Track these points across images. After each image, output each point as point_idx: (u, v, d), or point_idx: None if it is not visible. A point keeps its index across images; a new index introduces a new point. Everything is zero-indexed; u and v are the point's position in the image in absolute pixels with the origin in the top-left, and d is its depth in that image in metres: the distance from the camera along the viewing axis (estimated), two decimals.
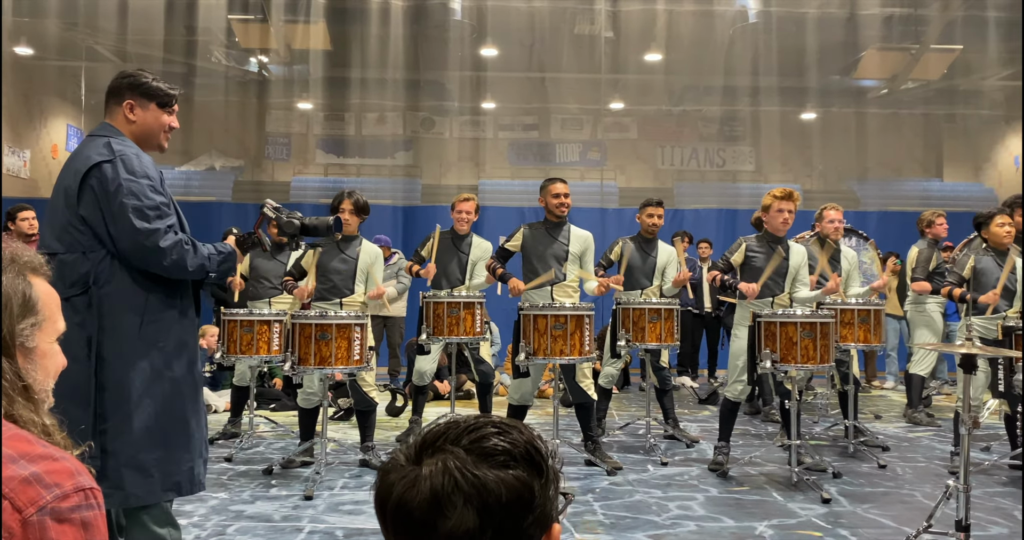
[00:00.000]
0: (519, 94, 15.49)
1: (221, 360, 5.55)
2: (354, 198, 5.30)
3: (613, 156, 16.18)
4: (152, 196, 2.65)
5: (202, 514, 3.97)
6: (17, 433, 1.11)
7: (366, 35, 11.99)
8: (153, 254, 2.63)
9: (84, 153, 2.72)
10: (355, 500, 4.26)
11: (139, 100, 2.80)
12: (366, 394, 5.11)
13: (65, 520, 1.06)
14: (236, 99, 13.88)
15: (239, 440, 5.65)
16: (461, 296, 5.52)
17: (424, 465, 1.05)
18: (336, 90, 13.62)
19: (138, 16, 11.53)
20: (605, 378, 5.93)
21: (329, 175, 16.29)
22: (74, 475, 1.10)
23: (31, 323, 1.22)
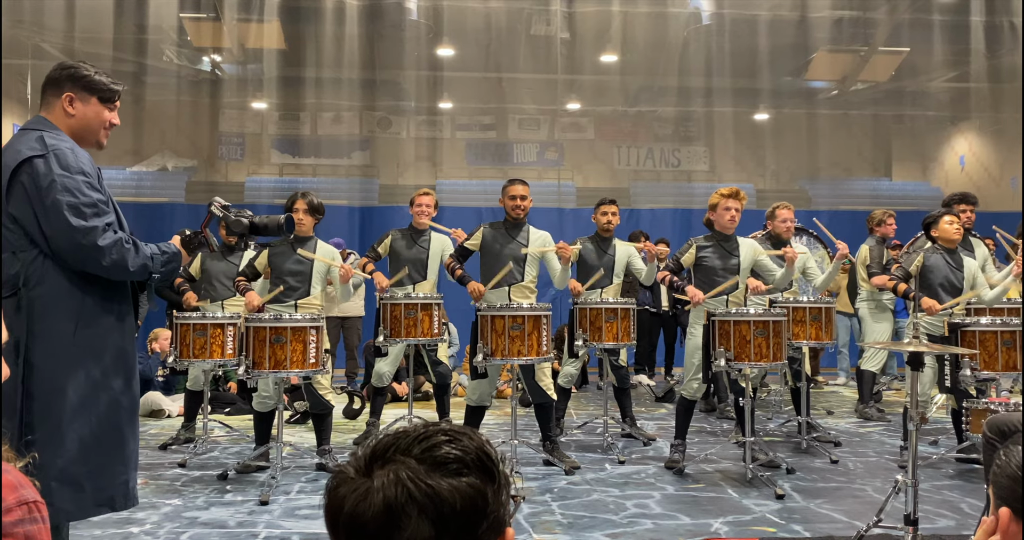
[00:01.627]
0: (476, 94, 15.47)
1: (174, 364, 5.47)
2: (308, 198, 5.26)
3: (570, 156, 16.25)
4: (88, 193, 2.52)
5: (155, 521, 3.90)
6: None
7: (321, 34, 11.88)
8: (91, 253, 2.49)
9: (14, 147, 2.57)
10: (311, 505, 4.22)
11: (80, 93, 2.66)
12: (322, 397, 5.07)
13: (8, 535, 1.04)
14: (189, 98, 13.66)
15: (193, 445, 5.57)
16: (419, 297, 5.50)
17: (375, 477, 1.04)
18: (291, 89, 13.48)
19: (86, 14, 11.30)
20: (564, 378, 5.96)
21: (284, 175, 16.11)
22: (17, 488, 1.08)
23: None
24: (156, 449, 5.69)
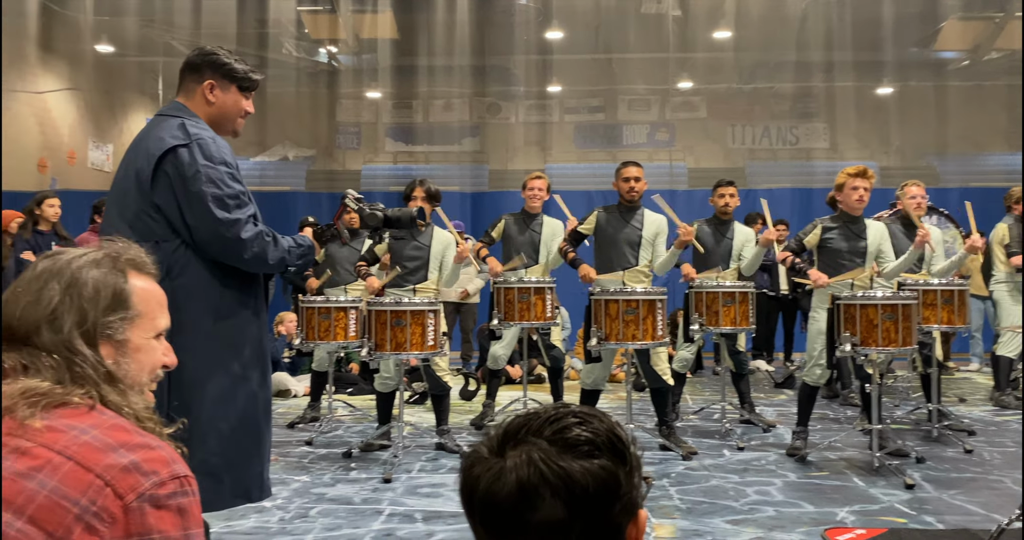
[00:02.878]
0: (585, 76, 15.36)
1: (300, 346, 5.70)
2: (426, 186, 5.36)
3: (682, 136, 15.93)
4: (232, 184, 2.48)
5: (285, 497, 4.09)
6: (116, 422, 1.16)
7: (432, 22, 12.04)
8: (233, 246, 2.47)
9: (156, 134, 2.53)
10: (432, 483, 4.33)
11: (220, 81, 2.61)
12: (440, 379, 5.18)
13: (163, 506, 1.12)
14: (307, 90, 14.12)
15: (319, 424, 5.80)
16: (532, 281, 5.54)
17: (508, 457, 1.06)
18: (404, 78, 13.74)
19: (211, 11, 11.80)
20: (679, 363, 5.89)
21: (398, 163, 16.46)
22: (170, 463, 1.15)
23: (121, 317, 1.28)
24: (284, 427, 5.96)
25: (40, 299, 1.21)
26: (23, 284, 1.24)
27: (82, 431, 1.11)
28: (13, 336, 1.20)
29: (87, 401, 1.16)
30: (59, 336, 1.20)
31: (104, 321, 1.25)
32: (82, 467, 1.07)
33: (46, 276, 1.24)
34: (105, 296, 1.26)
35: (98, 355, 1.23)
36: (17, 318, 1.20)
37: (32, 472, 1.05)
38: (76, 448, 1.08)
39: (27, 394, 1.12)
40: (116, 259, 1.30)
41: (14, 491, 1.04)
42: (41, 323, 1.20)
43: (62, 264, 1.25)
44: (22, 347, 1.19)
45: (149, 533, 1.08)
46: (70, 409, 1.13)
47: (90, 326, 1.23)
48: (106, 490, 1.06)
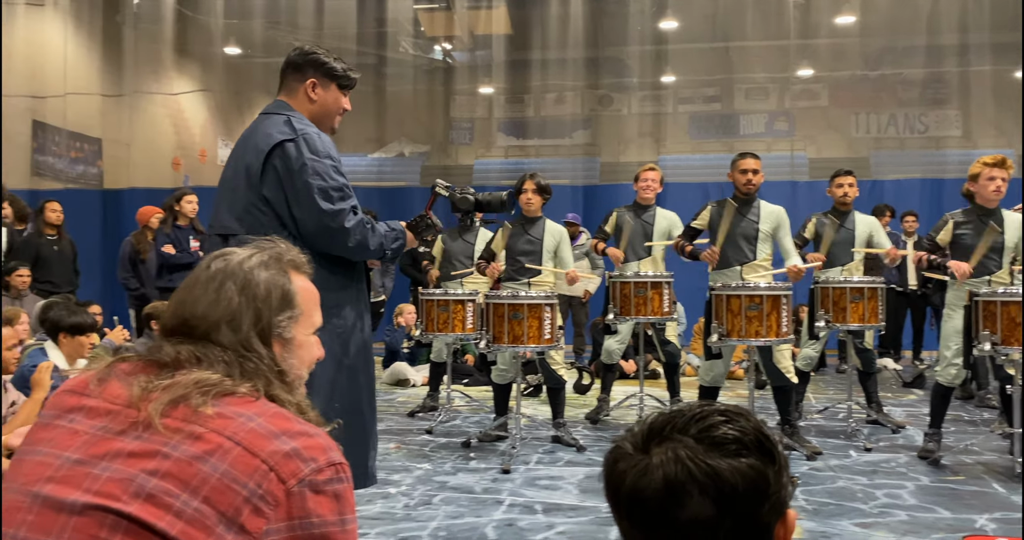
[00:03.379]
0: (701, 66, 15.09)
1: (420, 337, 5.84)
2: (536, 179, 5.39)
3: (802, 126, 15.44)
4: (336, 177, 2.57)
5: (408, 484, 4.20)
6: (278, 411, 1.23)
7: (546, 16, 12.07)
8: (338, 235, 2.55)
9: (263, 130, 2.62)
10: (550, 475, 4.36)
11: (321, 79, 2.71)
12: (555, 372, 5.20)
13: (321, 492, 1.17)
14: (423, 87, 14.41)
15: (437, 413, 5.92)
16: (648, 276, 5.48)
17: (653, 454, 1.06)
18: (517, 73, 13.83)
19: (332, 11, 12.19)
20: (803, 360, 5.71)
21: (509, 157, 16.61)
22: (327, 450, 1.21)
23: (288, 316, 1.36)
24: (404, 416, 6.12)
25: (219, 299, 1.29)
26: (199, 283, 1.32)
27: (248, 418, 1.18)
28: (192, 332, 1.28)
29: (253, 393, 1.22)
30: (238, 335, 1.28)
31: (275, 320, 1.33)
32: (249, 452, 1.13)
33: (221, 277, 1.31)
34: (275, 297, 1.33)
35: (271, 353, 1.31)
36: (198, 316, 1.28)
37: (206, 455, 1.13)
38: (244, 434, 1.15)
39: (200, 384, 1.19)
40: (280, 260, 1.38)
41: (190, 473, 1.11)
42: (221, 322, 1.28)
43: (234, 266, 1.33)
44: (198, 341, 1.27)
45: (308, 517, 1.14)
46: (237, 398, 1.21)
47: (264, 325, 1.31)
48: (270, 474, 1.12)
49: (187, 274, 1.44)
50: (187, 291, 1.32)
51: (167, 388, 1.19)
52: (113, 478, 1.11)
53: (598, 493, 3.98)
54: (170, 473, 1.11)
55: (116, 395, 1.22)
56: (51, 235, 6.92)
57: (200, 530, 1.08)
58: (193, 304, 1.29)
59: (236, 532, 1.09)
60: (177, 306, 1.31)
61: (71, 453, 1.16)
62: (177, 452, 1.13)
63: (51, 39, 12.55)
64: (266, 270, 1.35)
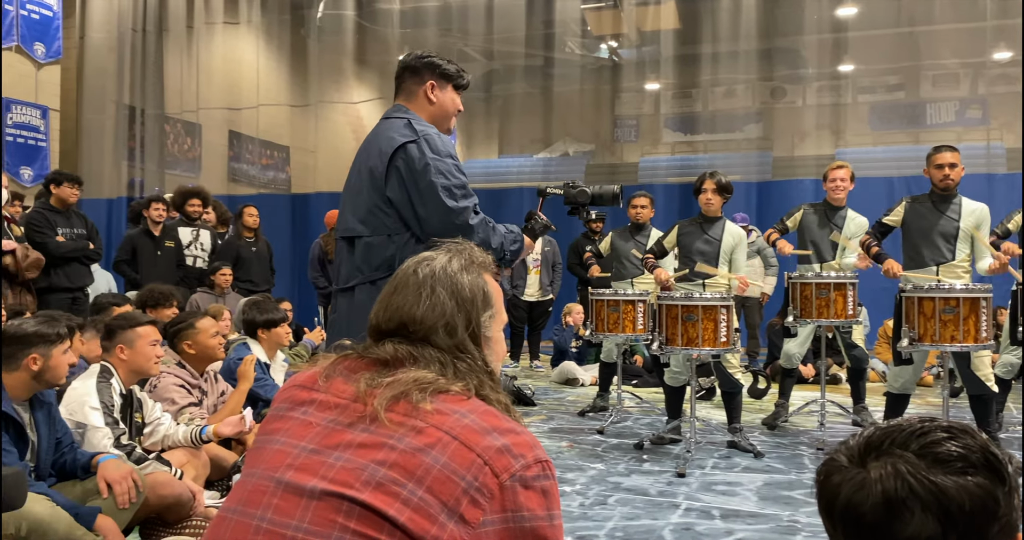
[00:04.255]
0: (882, 53, 14.25)
1: (590, 337, 5.87)
2: (716, 178, 5.28)
3: (998, 113, 14.24)
4: (458, 175, 2.63)
5: (583, 483, 4.24)
6: (488, 409, 1.29)
7: (717, 9, 11.78)
8: (464, 232, 2.57)
9: (386, 134, 2.69)
10: (727, 481, 4.27)
11: (439, 81, 2.79)
12: (731, 375, 5.09)
13: (530, 487, 1.22)
14: (589, 86, 14.42)
15: (608, 414, 5.93)
16: (831, 277, 5.25)
17: (871, 468, 1.04)
18: (685, 68, 13.58)
19: (501, 16, 12.43)
20: (1004, 367, 5.30)
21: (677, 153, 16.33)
22: (534, 448, 1.26)
23: (488, 315, 1.43)
24: (575, 415, 6.17)
25: (434, 305, 1.37)
26: (409, 288, 1.40)
27: (462, 415, 1.25)
28: (411, 334, 1.36)
29: (465, 392, 1.29)
30: (453, 339, 1.36)
31: (480, 321, 1.40)
32: (465, 446, 1.20)
33: (431, 282, 1.39)
34: (479, 298, 1.41)
35: (482, 353, 1.38)
36: (416, 321, 1.37)
37: (427, 448, 1.20)
38: (460, 429, 1.22)
39: (418, 381, 1.28)
40: (474, 262, 1.45)
41: (414, 464, 1.19)
42: (438, 326, 1.36)
43: (439, 271, 1.41)
44: (416, 343, 1.35)
45: (519, 510, 1.19)
46: (451, 396, 1.28)
47: (474, 327, 1.38)
48: (485, 468, 1.19)
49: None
50: (399, 295, 1.40)
51: (389, 385, 1.28)
52: (346, 467, 1.21)
53: (778, 501, 3.87)
54: (397, 464, 1.20)
55: (342, 390, 1.32)
56: (249, 238, 7.48)
57: (425, 518, 1.15)
58: (410, 309, 1.37)
59: (456, 521, 1.16)
60: (393, 310, 1.39)
61: (306, 443, 1.27)
62: (402, 444, 1.21)
63: (245, 54, 13.56)
64: (468, 274, 1.42)
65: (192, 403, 3.93)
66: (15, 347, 2.72)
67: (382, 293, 1.45)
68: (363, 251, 2.67)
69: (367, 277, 2.66)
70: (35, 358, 2.74)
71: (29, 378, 2.75)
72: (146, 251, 6.91)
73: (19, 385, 2.75)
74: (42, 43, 10.65)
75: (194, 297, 6.78)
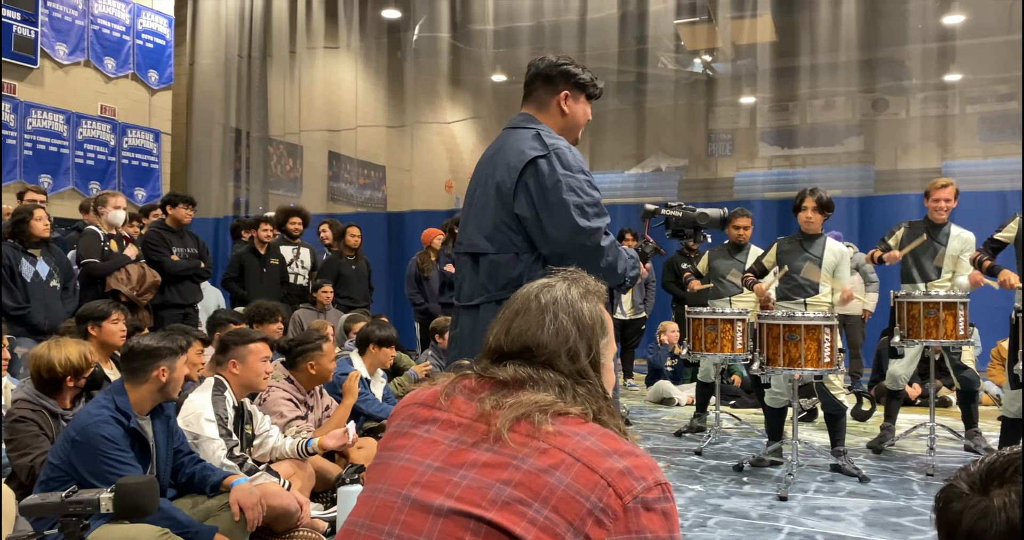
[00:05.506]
0: (992, 62, 13.67)
1: (687, 357, 5.80)
2: (816, 195, 5.16)
3: None
4: (591, 192, 2.49)
5: (681, 504, 4.19)
6: (607, 432, 1.31)
7: (815, 21, 11.54)
8: (593, 254, 2.46)
9: (515, 147, 2.55)
10: (831, 505, 4.15)
11: (573, 91, 2.65)
12: (834, 397, 4.94)
13: (651, 509, 1.24)
14: (683, 101, 14.32)
15: (706, 434, 5.84)
16: (939, 296, 5.05)
17: (993, 496, 1.02)
18: (782, 80, 13.35)
19: (594, 33, 12.48)
20: None
21: (773, 168, 16.02)
22: (653, 471, 1.27)
23: (604, 342, 1.45)
24: (671, 435, 6.10)
25: (559, 331, 1.40)
26: (532, 313, 1.43)
27: (583, 437, 1.27)
28: (534, 358, 1.40)
29: (584, 415, 1.32)
30: (576, 364, 1.39)
31: (599, 348, 1.42)
32: (588, 468, 1.22)
33: (554, 309, 1.42)
34: (598, 326, 1.43)
35: (600, 379, 1.40)
36: (541, 345, 1.40)
37: (551, 468, 1.23)
38: (582, 451, 1.24)
39: (539, 403, 1.31)
40: (590, 291, 1.47)
41: (539, 484, 1.22)
42: (561, 352, 1.39)
43: (561, 297, 1.44)
44: (538, 366, 1.38)
45: (643, 532, 1.21)
46: (570, 418, 1.30)
47: (595, 354, 1.41)
48: (608, 490, 1.21)
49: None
50: (523, 319, 1.43)
51: (511, 406, 1.31)
52: (471, 486, 1.24)
53: (886, 527, 3.73)
54: (522, 483, 1.22)
55: (463, 409, 1.36)
56: (350, 256, 7.70)
57: (552, 537, 1.18)
58: (534, 334, 1.40)
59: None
60: (517, 333, 1.42)
61: (432, 461, 1.31)
62: (526, 464, 1.24)
63: (344, 77, 14.01)
64: (587, 301, 1.44)
65: (299, 416, 4.07)
66: (144, 361, 2.88)
67: (502, 315, 1.48)
68: (489, 269, 2.55)
69: (493, 296, 2.55)
70: (163, 370, 2.90)
71: (155, 390, 2.91)
72: (252, 269, 7.19)
73: (145, 398, 2.91)
74: (155, 70, 11.25)
75: (297, 313, 7.01)
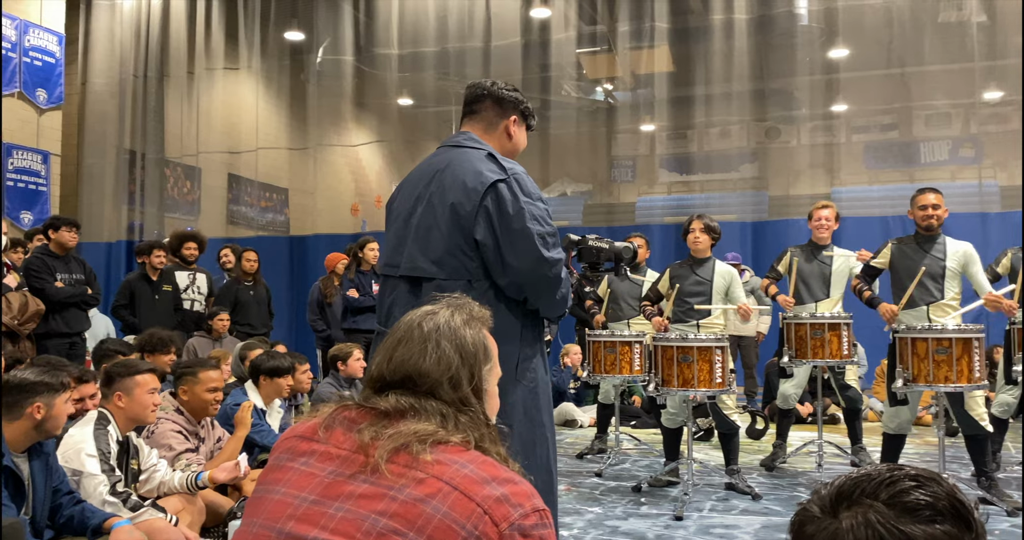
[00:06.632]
0: (875, 94, 14.46)
1: (587, 379, 5.88)
2: (704, 220, 5.35)
3: (991, 151, 14.41)
4: (551, 222, 2.42)
5: (580, 527, 4.23)
6: (487, 459, 1.33)
7: (710, 52, 11.99)
8: (552, 285, 2.38)
9: (469, 167, 2.42)
10: (725, 524, 4.26)
11: (520, 118, 2.63)
12: (727, 417, 5.09)
13: (528, 536, 1.26)
14: (585, 128, 14.61)
15: (606, 456, 5.91)
16: (825, 317, 5.29)
17: (842, 518, 1.06)
18: (680, 109, 13.77)
19: (499, 60, 12.63)
20: (1000, 407, 5.29)
21: (673, 193, 16.45)
22: (532, 497, 1.30)
23: (488, 369, 1.47)
24: (573, 458, 6.15)
25: (440, 359, 1.41)
26: (416, 342, 1.43)
27: (462, 465, 1.28)
28: (416, 387, 1.40)
29: (465, 443, 1.33)
30: (458, 393, 1.40)
31: (481, 375, 1.43)
32: (465, 496, 1.24)
33: (436, 336, 1.43)
34: (480, 353, 1.45)
35: (483, 407, 1.42)
36: (423, 374, 1.40)
37: (428, 498, 1.24)
38: (459, 479, 1.26)
39: (418, 433, 1.31)
40: (474, 317, 1.49)
41: (415, 513, 1.23)
42: (443, 381, 1.40)
43: (443, 325, 1.45)
44: (420, 395, 1.38)
45: None
46: (451, 446, 1.31)
47: (477, 382, 1.42)
48: (485, 517, 1.22)
49: (370, 316, 1.56)
50: (405, 348, 1.43)
51: (391, 436, 1.31)
52: (347, 518, 1.24)
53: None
54: (397, 514, 1.23)
55: (342, 441, 1.35)
56: (248, 281, 7.53)
57: None
58: (416, 363, 1.41)
59: None
60: (399, 363, 1.42)
61: (307, 494, 1.30)
62: (403, 495, 1.25)
63: (245, 99, 13.75)
64: (470, 328, 1.46)
65: (189, 449, 3.94)
66: (18, 396, 2.74)
67: (384, 344, 1.46)
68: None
69: None
70: (39, 407, 2.76)
71: (30, 428, 2.77)
72: (144, 296, 6.95)
73: (19, 435, 2.76)
74: (44, 89, 10.81)
75: (191, 342, 6.79)
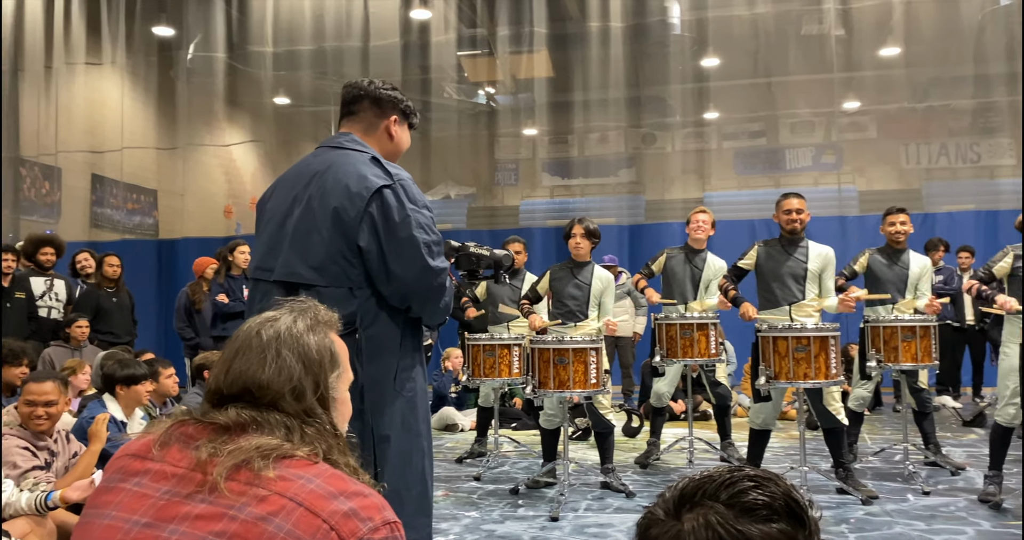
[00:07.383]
0: (744, 102, 15.10)
1: (467, 383, 5.86)
2: (585, 224, 5.42)
3: (850, 158, 15.28)
4: (436, 230, 2.35)
5: (456, 533, 4.20)
6: (335, 472, 1.28)
7: (587, 59, 12.23)
8: (436, 293, 2.33)
9: (352, 170, 2.31)
10: (599, 522, 4.32)
11: (400, 117, 2.53)
12: (603, 417, 5.17)
13: None
14: (467, 131, 14.64)
15: (486, 459, 5.91)
16: (694, 318, 5.45)
17: (685, 520, 1.07)
18: (559, 114, 14.00)
19: (378, 60, 12.50)
20: (855, 401, 5.60)
21: (555, 197, 16.69)
22: (381, 510, 1.25)
23: (335, 375, 1.40)
24: (453, 462, 6.12)
25: (280, 369, 1.33)
26: (254, 351, 1.35)
27: (308, 480, 1.22)
28: (257, 400, 1.32)
29: (312, 456, 1.27)
30: (302, 404, 1.33)
31: (328, 383, 1.37)
32: (311, 512, 1.18)
33: (276, 345, 1.35)
34: (326, 359, 1.38)
35: (330, 417, 1.35)
36: (263, 386, 1.32)
37: (270, 516, 1.17)
38: (304, 495, 1.20)
39: (260, 448, 1.24)
40: (319, 321, 1.43)
41: (256, 533, 1.16)
42: (285, 392, 1.32)
43: (284, 332, 1.37)
44: (261, 408, 1.31)
45: None
46: (296, 461, 1.25)
47: (322, 390, 1.36)
48: (331, 533, 1.17)
49: (240, 322, 1.48)
50: (242, 359, 1.34)
51: (231, 453, 1.23)
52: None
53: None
54: (237, 534, 1.16)
55: (179, 459, 1.27)
56: (110, 287, 7.15)
57: None
58: (254, 373, 1.32)
59: None
60: (236, 374, 1.33)
61: (139, 516, 1.21)
62: (243, 514, 1.18)
63: (109, 96, 13.09)
64: (314, 334, 1.39)
65: (37, 466, 3.68)
66: None
67: (222, 355, 1.39)
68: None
69: None
70: None
71: None
72: None
73: None
74: None
75: (47, 352, 6.39)
